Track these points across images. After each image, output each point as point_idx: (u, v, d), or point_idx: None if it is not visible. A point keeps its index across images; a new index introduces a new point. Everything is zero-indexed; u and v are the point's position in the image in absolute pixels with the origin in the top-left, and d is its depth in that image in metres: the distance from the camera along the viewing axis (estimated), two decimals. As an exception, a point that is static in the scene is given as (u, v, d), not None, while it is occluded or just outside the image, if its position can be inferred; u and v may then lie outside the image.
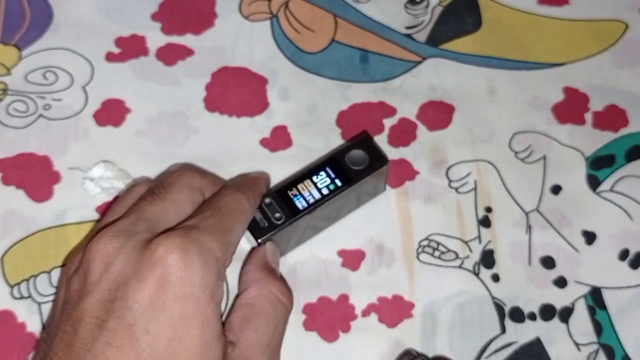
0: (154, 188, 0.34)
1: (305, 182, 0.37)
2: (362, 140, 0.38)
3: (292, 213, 0.36)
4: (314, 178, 0.37)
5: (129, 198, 0.34)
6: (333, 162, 0.38)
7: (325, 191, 0.37)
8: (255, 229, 0.36)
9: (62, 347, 0.28)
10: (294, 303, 0.35)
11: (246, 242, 0.39)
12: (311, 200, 0.37)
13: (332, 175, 0.37)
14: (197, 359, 0.28)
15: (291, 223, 0.36)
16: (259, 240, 0.36)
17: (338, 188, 0.37)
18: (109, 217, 0.34)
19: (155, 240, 0.29)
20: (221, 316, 0.31)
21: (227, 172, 0.41)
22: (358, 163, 0.37)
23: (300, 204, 0.37)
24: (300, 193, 0.37)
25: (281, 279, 0.35)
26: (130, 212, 0.32)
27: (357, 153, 0.38)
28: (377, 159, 0.38)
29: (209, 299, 0.29)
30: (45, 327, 0.37)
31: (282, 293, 0.34)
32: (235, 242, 0.33)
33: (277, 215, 0.36)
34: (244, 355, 0.31)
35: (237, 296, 0.35)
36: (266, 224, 0.36)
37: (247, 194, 0.35)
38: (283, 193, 0.37)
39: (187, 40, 0.45)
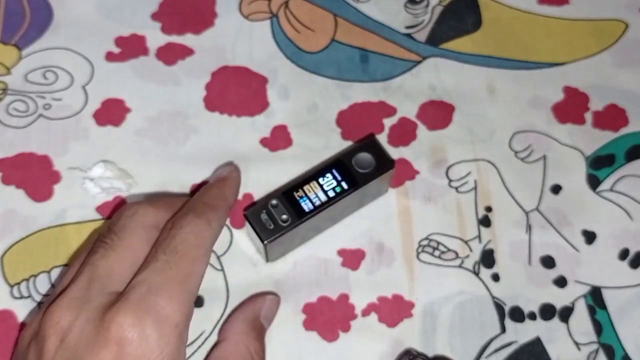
0: (105, 235, 0.31)
1: (311, 184, 0.37)
2: (369, 143, 0.38)
3: (298, 215, 0.36)
4: (320, 180, 0.37)
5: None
6: (339, 164, 0.38)
7: (331, 193, 0.37)
8: (262, 231, 0.36)
9: None
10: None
11: (251, 245, 0.39)
12: (317, 203, 0.37)
13: (339, 178, 0.37)
14: None
15: (297, 225, 0.36)
16: (265, 242, 0.36)
17: (344, 191, 0.37)
18: (70, 271, 0.32)
19: (108, 315, 0.27)
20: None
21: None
22: (365, 166, 0.37)
23: (306, 206, 0.36)
24: (306, 195, 0.37)
25: (262, 340, 0.34)
26: (82, 271, 0.30)
27: (364, 156, 0.38)
28: (384, 162, 0.38)
29: None
30: None
31: (258, 355, 0.33)
32: (197, 283, 0.30)
33: (284, 217, 0.36)
34: None
35: (216, 344, 0.34)
36: (272, 226, 0.36)
37: (209, 217, 0.32)
38: (289, 195, 0.37)
39: (187, 39, 0.45)
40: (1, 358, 0.36)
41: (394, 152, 0.42)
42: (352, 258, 0.39)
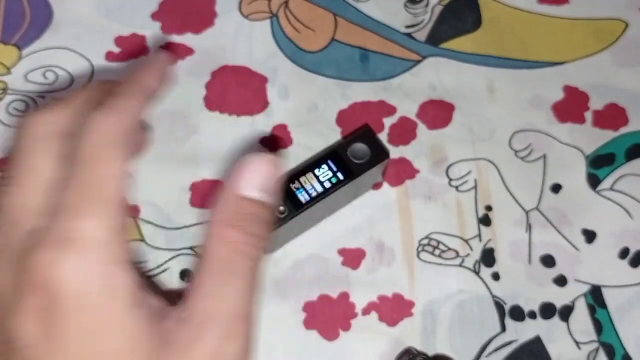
0: (4, 167, 0.25)
1: (307, 176, 0.37)
2: (364, 134, 0.38)
3: (296, 207, 0.36)
4: (317, 171, 0.37)
5: None
6: (335, 155, 0.38)
7: (327, 185, 0.37)
8: None
9: None
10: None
11: None
12: (314, 194, 0.37)
13: (334, 169, 0.37)
14: None
15: (294, 217, 0.36)
16: None
17: (340, 182, 0.37)
18: None
19: (27, 261, 0.22)
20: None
21: (227, 171, 0.41)
22: (360, 157, 0.38)
23: (303, 197, 0.37)
24: (302, 186, 0.37)
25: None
26: None
27: (360, 147, 0.38)
28: (379, 153, 0.38)
29: (114, 301, 0.22)
30: None
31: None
32: (114, 185, 0.23)
33: (281, 209, 0.36)
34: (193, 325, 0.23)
35: None
36: None
37: (112, 105, 0.24)
38: (286, 186, 0.37)
39: (187, 39, 0.45)
40: (2, 358, 0.36)
41: (395, 152, 0.42)
42: (352, 257, 0.40)
